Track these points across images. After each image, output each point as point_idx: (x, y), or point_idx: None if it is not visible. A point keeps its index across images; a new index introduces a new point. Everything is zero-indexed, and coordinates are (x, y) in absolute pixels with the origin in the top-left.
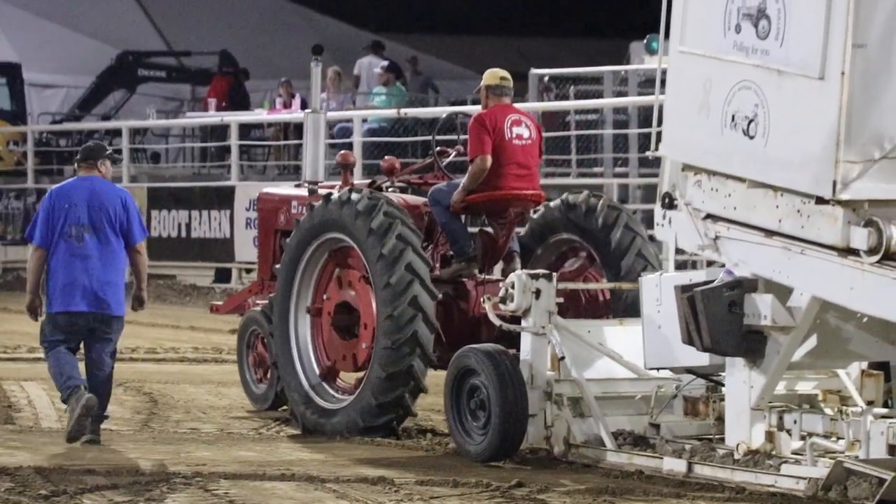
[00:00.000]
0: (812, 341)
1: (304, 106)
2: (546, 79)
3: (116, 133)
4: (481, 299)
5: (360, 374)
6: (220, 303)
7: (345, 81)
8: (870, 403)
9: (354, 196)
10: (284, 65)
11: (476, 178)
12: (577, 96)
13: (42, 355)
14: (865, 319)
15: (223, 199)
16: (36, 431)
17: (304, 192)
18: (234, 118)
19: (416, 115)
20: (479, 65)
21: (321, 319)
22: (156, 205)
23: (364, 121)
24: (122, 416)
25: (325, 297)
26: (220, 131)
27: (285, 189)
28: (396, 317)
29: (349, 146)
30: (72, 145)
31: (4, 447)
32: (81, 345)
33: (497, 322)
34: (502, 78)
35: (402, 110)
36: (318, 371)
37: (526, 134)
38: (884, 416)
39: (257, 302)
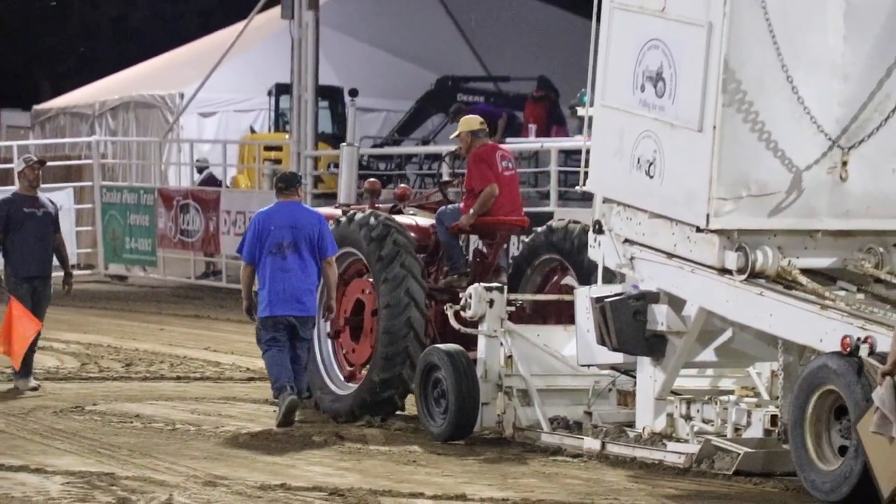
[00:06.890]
0: (713, 344)
1: None
2: None
3: (435, 157)
4: (444, 307)
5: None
6: None
7: None
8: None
9: (372, 221)
10: None
11: (486, 204)
12: None
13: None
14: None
15: (541, 225)
16: (364, 453)
17: (338, 212)
18: (554, 144)
19: None
20: None
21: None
22: None
23: None
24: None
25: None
26: (540, 157)
27: (324, 210)
28: (393, 305)
29: None
30: (391, 169)
31: (335, 468)
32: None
33: (457, 326)
34: (481, 123)
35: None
36: (335, 363)
37: (510, 167)
38: (758, 406)
39: None
